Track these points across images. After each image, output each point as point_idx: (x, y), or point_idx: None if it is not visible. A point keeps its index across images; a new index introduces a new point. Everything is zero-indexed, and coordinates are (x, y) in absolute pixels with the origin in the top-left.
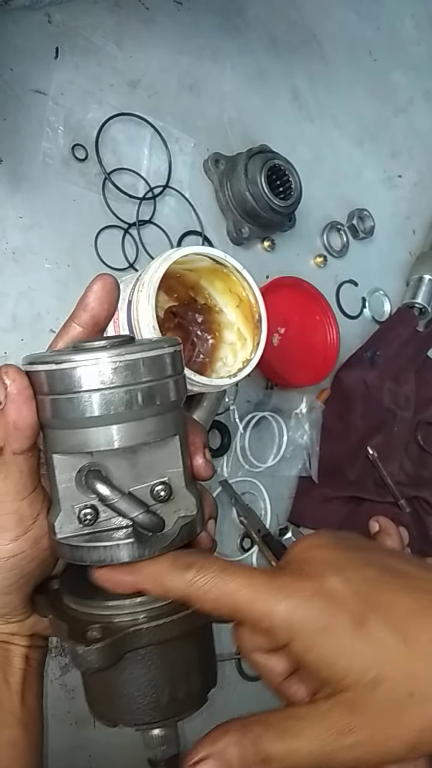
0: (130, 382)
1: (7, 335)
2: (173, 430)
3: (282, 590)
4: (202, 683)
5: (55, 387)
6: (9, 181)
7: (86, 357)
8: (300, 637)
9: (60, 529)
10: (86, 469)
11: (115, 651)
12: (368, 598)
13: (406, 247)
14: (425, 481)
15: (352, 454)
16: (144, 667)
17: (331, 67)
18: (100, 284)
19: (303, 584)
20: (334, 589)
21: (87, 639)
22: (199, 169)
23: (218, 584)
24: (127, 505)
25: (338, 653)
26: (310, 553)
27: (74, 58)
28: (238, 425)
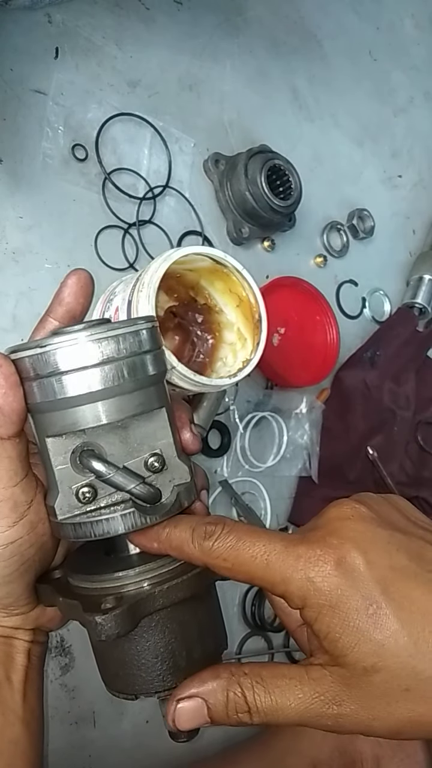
0: (111, 358)
1: (7, 335)
2: (159, 402)
3: (300, 559)
4: (215, 644)
5: (40, 370)
6: (9, 181)
7: (67, 338)
8: (311, 607)
9: (60, 510)
10: (80, 449)
11: (131, 616)
12: (387, 587)
13: (406, 247)
14: (425, 481)
15: (352, 454)
16: (159, 633)
17: (331, 67)
18: (74, 279)
19: (323, 556)
20: (354, 568)
21: (102, 610)
22: (199, 169)
23: (235, 553)
24: (123, 479)
25: (343, 632)
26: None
27: (74, 58)
28: (238, 425)
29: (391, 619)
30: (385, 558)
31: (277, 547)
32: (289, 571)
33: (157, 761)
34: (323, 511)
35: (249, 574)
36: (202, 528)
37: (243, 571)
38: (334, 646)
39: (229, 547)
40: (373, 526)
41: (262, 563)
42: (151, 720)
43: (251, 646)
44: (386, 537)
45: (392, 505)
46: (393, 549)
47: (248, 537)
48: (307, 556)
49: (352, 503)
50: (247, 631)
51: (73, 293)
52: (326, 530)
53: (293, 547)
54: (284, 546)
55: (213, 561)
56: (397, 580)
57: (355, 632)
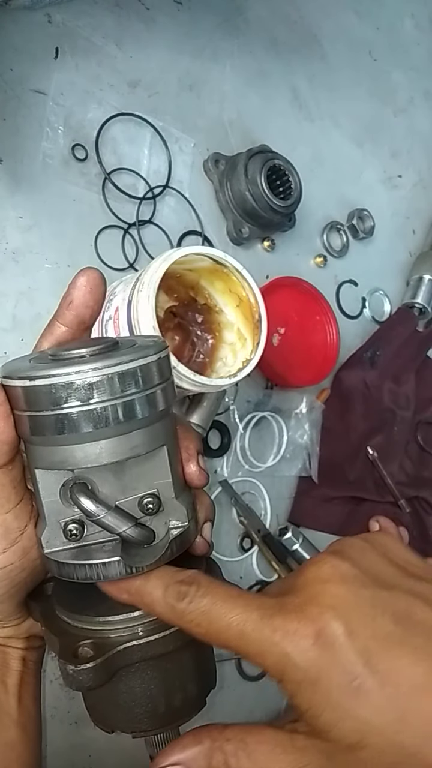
0: (112, 397)
1: (7, 335)
2: (161, 440)
3: (276, 632)
4: (199, 689)
5: (31, 404)
6: (9, 181)
7: (63, 371)
8: (289, 682)
9: (47, 543)
10: (71, 482)
11: (106, 669)
12: (370, 659)
13: (406, 247)
14: (425, 481)
15: (352, 454)
16: (138, 679)
17: (331, 67)
18: (83, 280)
19: (301, 629)
20: (335, 639)
21: (78, 656)
22: (199, 169)
23: (209, 618)
24: (114, 520)
25: (325, 709)
26: (322, 587)
27: (74, 58)
28: (238, 425)
29: (375, 694)
30: (368, 625)
31: (253, 616)
32: (265, 645)
33: None
34: (302, 570)
35: (224, 642)
36: (176, 588)
37: (217, 639)
38: (316, 722)
39: (202, 612)
40: (355, 587)
41: (237, 633)
42: None
43: None
44: (369, 599)
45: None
46: (377, 613)
47: (223, 602)
48: (284, 630)
49: (333, 560)
50: None
51: (81, 296)
52: (305, 596)
53: (269, 618)
54: (260, 616)
55: (185, 625)
56: (382, 650)
57: (336, 709)
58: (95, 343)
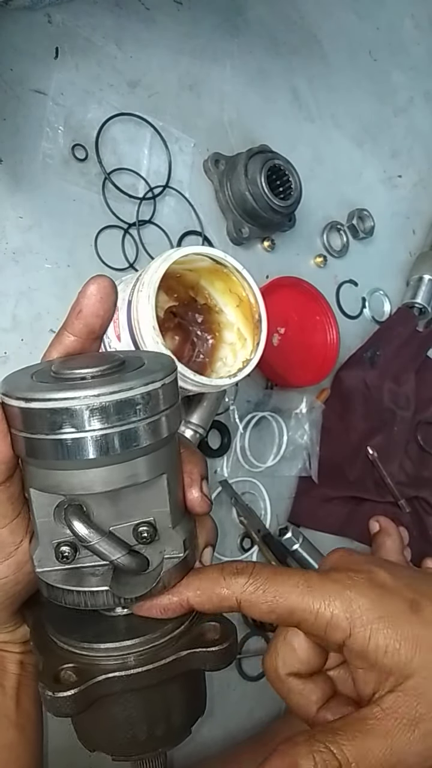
0: (112, 425)
1: (7, 335)
2: (161, 468)
3: (337, 583)
4: (184, 719)
5: (28, 425)
6: (9, 181)
7: (62, 396)
8: (361, 626)
9: (38, 562)
10: (65, 504)
11: (85, 698)
12: (418, 588)
13: (406, 247)
14: (425, 481)
15: (352, 454)
16: (120, 707)
17: (331, 67)
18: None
19: (355, 576)
20: (384, 581)
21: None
22: (199, 169)
23: (274, 587)
24: (107, 547)
25: (400, 639)
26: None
27: (74, 58)
28: (238, 425)
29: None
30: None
31: (314, 576)
32: (331, 596)
33: None
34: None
35: (290, 606)
36: (232, 566)
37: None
38: (397, 657)
39: (266, 579)
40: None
41: (305, 592)
42: None
43: (251, 646)
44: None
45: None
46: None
47: (282, 571)
48: (342, 580)
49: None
50: (247, 632)
51: (91, 305)
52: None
53: (326, 575)
54: (319, 575)
55: (250, 596)
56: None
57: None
58: (100, 363)
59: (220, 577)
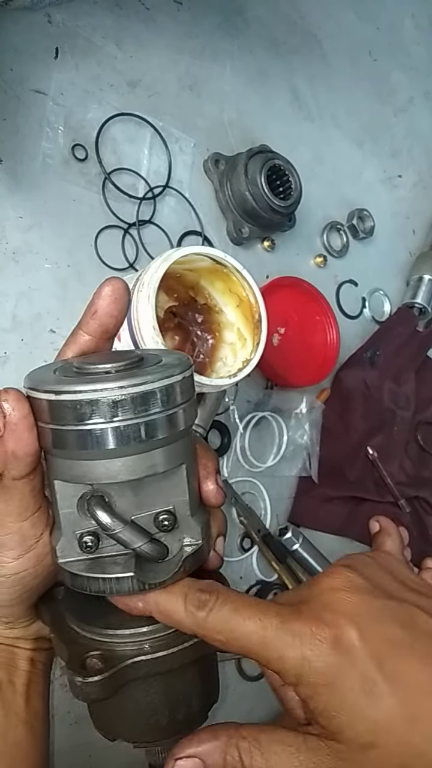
0: (136, 416)
1: (7, 335)
2: (180, 459)
3: (296, 637)
4: (202, 704)
5: (55, 417)
6: (9, 181)
7: (89, 388)
8: (307, 685)
9: (61, 553)
10: (88, 495)
11: (113, 683)
12: (383, 663)
13: (406, 247)
14: (425, 481)
15: (352, 454)
16: (143, 692)
17: (331, 67)
18: (108, 290)
19: (319, 634)
20: (350, 644)
21: (86, 668)
22: (199, 169)
23: (229, 625)
24: (130, 535)
25: (339, 710)
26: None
27: (74, 58)
28: (238, 425)
29: (387, 697)
30: (379, 630)
31: (273, 622)
32: (285, 649)
33: None
34: (316, 580)
35: (243, 649)
36: (196, 597)
37: (237, 646)
38: (330, 723)
39: (223, 620)
40: (365, 596)
41: (258, 639)
42: None
43: None
44: (379, 607)
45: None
46: (387, 619)
47: (243, 609)
48: (303, 634)
49: (344, 571)
50: None
51: (106, 305)
52: (320, 604)
53: (288, 623)
54: (280, 622)
55: (205, 633)
56: (392, 655)
57: (351, 711)
58: (121, 359)
59: (182, 605)
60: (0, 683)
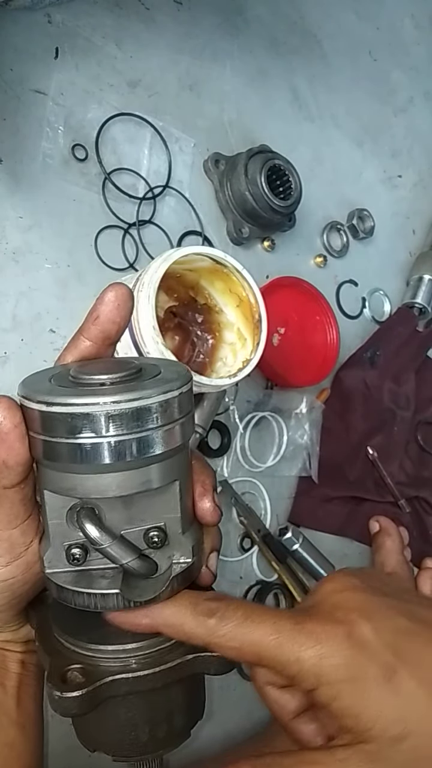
0: (129, 431)
1: (7, 335)
2: (174, 475)
3: (310, 637)
4: (185, 722)
5: (47, 429)
6: (9, 181)
7: (82, 401)
8: (327, 684)
9: (49, 563)
10: (78, 506)
11: (92, 699)
12: (398, 650)
13: (406, 247)
14: (425, 481)
15: (352, 454)
16: (124, 708)
17: (331, 67)
18: (112, 296)
19: (333, 631)
20: (364, 638)
21: (66, 681)
22: (199, 169)
23: (242, 632)
24: (118, 550)
25: (365, 705)
26: (341, 596)
27: (74, 58)
28: (238, 425)
29: (410, 681)
30: (388, 623)
31: (286, 625)
32: (302, 650)
33: None
34: (318, 588)
35: (258, 655)
36: (206, 605)
37: (251, 652)
38: (357, 721)
39: (236, 625)
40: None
41: (273, 643)
42: None
43: None
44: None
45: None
46: (392, 612)
47: (256, 615)
48: (317, 632)
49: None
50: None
51: (108, 311)
52: (328, 604)
53: (302, 624)
54: (293, 623)
55: (218, 641)
56: (406, 642)
57: (377, 703)
58: (118, 370)
59: (191, 616)
60: None
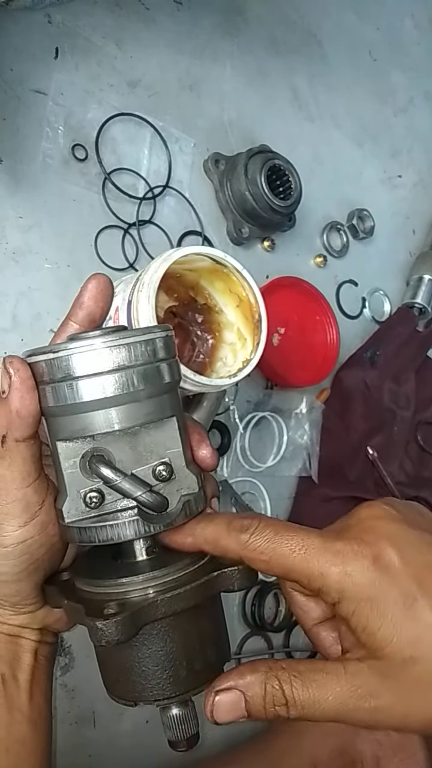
0: (125, 365)
1: (7, 335)
2: (171, 411)
3: (338, 554)
4: (217, 655)
5: (54, 375)
6: (9, 181)
7: (82, 344)
8: (349, 600)
9: (68, 513)
10: (89, 454)
11: (133, 623)
12: (423, 582)
13: (406, 247)
14: (425, 481)
15: (352, 454)
16: (161, 641)
17: (331, 67)
18: (94, 283)
19: (361, 551)
20: (391, 563)
21: (105, 615)
22: (199, 169)
23: (272, 546)
24: (131, 486)
25: (381, 624)
26: (375, 522)
27: (74, 58)
28: (238, 425)
29: (428, 612)
30: (418, 555)
31: (315, 542)
32: (327, 565)
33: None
34: (353, 512)
35: (286, 567)
36: (239, 522)
37: (280, 564)
38: (372, 638)
39: (267, 539)
40: (404, 525)
41: (300, 557)
42: (150, 720)
43: (251, 646)
44: (417, 536)
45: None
46: (424, 546)
47: (285, 531)
48: (345, 552)
49: (382, 505)
50: (247, 631)
51: (92, 296)
52: (360, 528)
53: (331, 542)
54: (322, 541)
55: (250, 554)
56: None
57: (393, 625)
58: (108, 327)
59: (226, 531)
60: (4, 679)
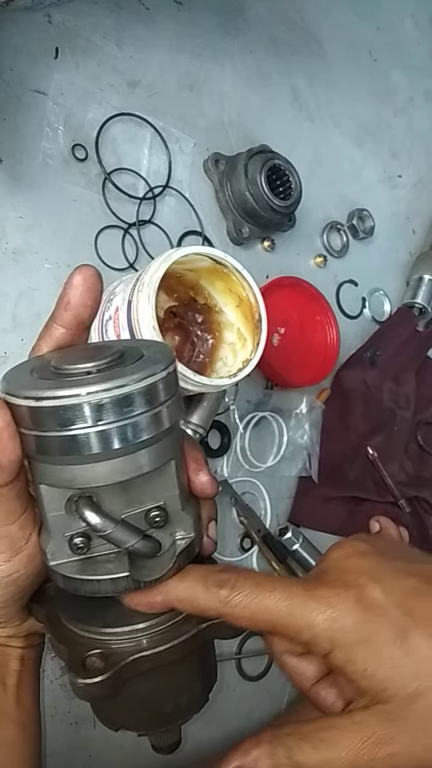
0: (121, 417)
1: (7, 335)
2: (169, 455)
3: (322, 601)
4: (204, 686)
5: (37, 423)
6: (9, 181)
7: (71, 393)
8: (341, 648)
9: (52, 556)
10: (76, 496)
11: (115, 680)
12: (410, 610)
13: (406, 247)
14: (425, 481)
15: (352, 454)
16: (147, 684)
17: (331, 67)
18: (79, 278)
19: (344, 594)
20: (375, 599)
21: (87, 668)
22: (199, 169)
23: (254, 600)
24: (122, 535)
25: (379, 665)
26: (349, 561)
27: (74, 58)
28: (238, 425)
29: (423, 639)
30: (397, 584)
31: (298, 591)
32: (314, 614)
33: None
34: (325, 555)
35: (271, 622)
36: (216, 576)
37: (264, 620)
38: (373, 681)
39: (247, 594)
40: (377, 558)
41: (285, 610)
42: None
43: (251, 646)
44: (392, 566)
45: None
46: (401, 574)
47: (266, 583)
48: (328, 596)
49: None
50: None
51: (79, 295)
52: (338, 570)
53: (313, 590)
54: (303, 590)
55: (231, 611)
56: (417, 602)
57: (390, 662)
58: (100, 356)
59: (203, 588)
60: None
